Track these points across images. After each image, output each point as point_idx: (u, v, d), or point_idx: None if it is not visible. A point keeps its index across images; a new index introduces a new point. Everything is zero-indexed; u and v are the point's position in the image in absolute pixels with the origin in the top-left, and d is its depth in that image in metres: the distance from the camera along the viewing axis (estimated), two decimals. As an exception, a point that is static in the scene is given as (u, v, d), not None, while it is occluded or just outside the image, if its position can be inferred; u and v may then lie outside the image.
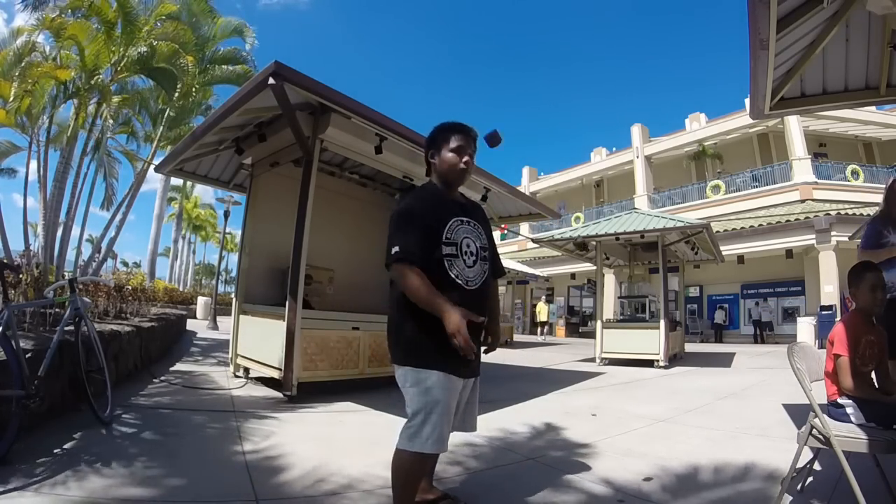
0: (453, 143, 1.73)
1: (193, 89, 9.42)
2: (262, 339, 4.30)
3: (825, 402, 1.95)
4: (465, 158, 1.74)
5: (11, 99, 7.50)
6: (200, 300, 18.47)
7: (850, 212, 13.04)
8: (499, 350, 1.96)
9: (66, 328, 2.70)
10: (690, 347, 11.55)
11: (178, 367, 5.29)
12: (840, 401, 1.91)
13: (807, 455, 1.97)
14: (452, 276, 1.60)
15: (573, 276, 20.64)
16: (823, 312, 12.51)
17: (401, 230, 1.59)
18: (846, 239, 11.87)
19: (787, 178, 16.06)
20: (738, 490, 2.11)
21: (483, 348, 1.81)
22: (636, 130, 20.85)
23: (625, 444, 2.86)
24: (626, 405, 4.29)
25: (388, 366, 4.53)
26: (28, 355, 2.33)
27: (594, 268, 9.89)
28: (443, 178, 1.76)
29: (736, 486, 2.16)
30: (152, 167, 9.53)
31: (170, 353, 6.38)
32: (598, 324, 8.59)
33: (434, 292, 1.51)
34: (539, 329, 17.79)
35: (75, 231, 9.69)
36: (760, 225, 14.44)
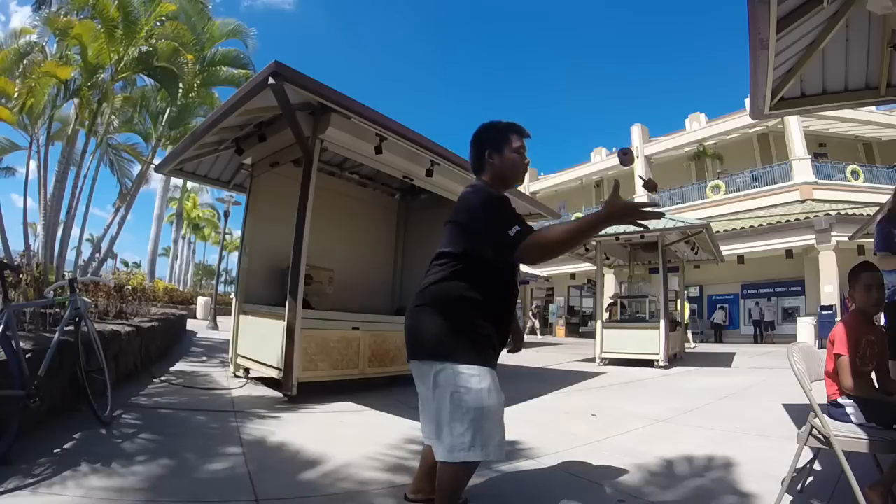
0: (516, 143, 1.70)
1: (195, 86, 9.41)
2: (262, 340, 4.30)
3: (825, 402, 1.95)
4: (527, 160, 1.75)
5: (16, 97, 7.49)
6: (200, 300, 18.48)
7: (850, 212, 13.06)
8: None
9: (66, 328, 2.70)
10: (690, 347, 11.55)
11: (179, 367, 5.29)
12: (840, 400, 1.92)
13: (807, 455, 1.97)
14: (516, 279, 1.66)
15: (573, 276, 20.66)
16: (823, 312, 12.53)
17: (508, 211, 1.48)
18: (846, 239, 11.87)
19: (787, 178, 16.08)
20: (739, 490, 2.11)
21: (506, 349, 1.80)
22: (636, 130, 20.88)
23: (625, 444, 2.86)
24: (626, 405, 4.29)
25: (388, 366, 4.64)
26: (28, 355, 2.33)
27: (594, 268, 9.90)
28: (503, 179, 1.71)
29: (736, 486, 2.16)
30: (152, 167, 9.55)
31: (170, 353, 6.38)
32: (598, 324, 8.59)
33: (580, 219, 1.36)
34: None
35: (75, 231, 9.65)
36: (760, 225, 14.45)
